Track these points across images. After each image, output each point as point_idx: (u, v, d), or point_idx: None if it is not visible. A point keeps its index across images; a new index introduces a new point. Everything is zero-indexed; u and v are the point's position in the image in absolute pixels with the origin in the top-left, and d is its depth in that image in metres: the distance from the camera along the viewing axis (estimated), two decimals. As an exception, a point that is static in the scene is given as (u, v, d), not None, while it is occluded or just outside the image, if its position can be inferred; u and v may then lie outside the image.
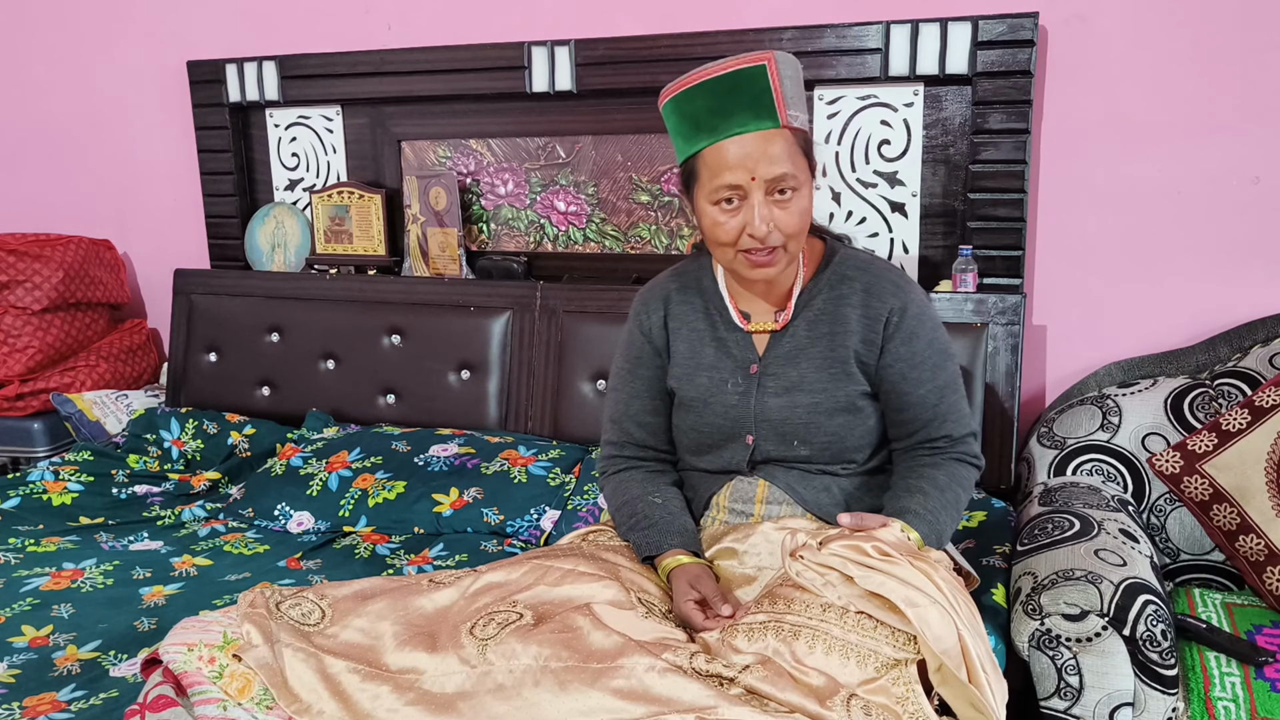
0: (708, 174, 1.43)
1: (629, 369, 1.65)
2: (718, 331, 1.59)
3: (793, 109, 1.43)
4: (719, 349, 1.58)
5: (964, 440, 1.55)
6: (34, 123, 3.17)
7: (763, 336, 1.57)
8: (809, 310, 1.55)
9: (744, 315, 1.58)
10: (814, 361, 1.53)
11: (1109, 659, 1.48)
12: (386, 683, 1.25)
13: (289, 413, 2.69)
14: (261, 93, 2.76)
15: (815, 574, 1.30)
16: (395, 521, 2.15)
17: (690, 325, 1.61)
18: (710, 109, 1.41)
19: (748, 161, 1.40)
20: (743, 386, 1.55)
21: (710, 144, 1.42)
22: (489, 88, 2.53)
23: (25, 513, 2.23)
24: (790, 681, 1.22)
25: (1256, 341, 2.08)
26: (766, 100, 1.40)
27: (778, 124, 1.40)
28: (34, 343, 2.80)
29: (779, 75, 1.40)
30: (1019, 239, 2.19)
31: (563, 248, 2.65)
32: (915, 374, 1.52)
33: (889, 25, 2.18)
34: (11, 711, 1.42)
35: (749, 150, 1.40)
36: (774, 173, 1.40)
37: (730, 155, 1.41)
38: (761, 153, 1.40)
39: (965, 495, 1.53)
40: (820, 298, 1.55)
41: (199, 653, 1.27)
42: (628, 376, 1.65)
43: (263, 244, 2.86)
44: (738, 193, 1.42)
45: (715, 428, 1.57)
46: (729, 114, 1.40)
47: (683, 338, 1.61)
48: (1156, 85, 2.15)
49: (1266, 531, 1.79)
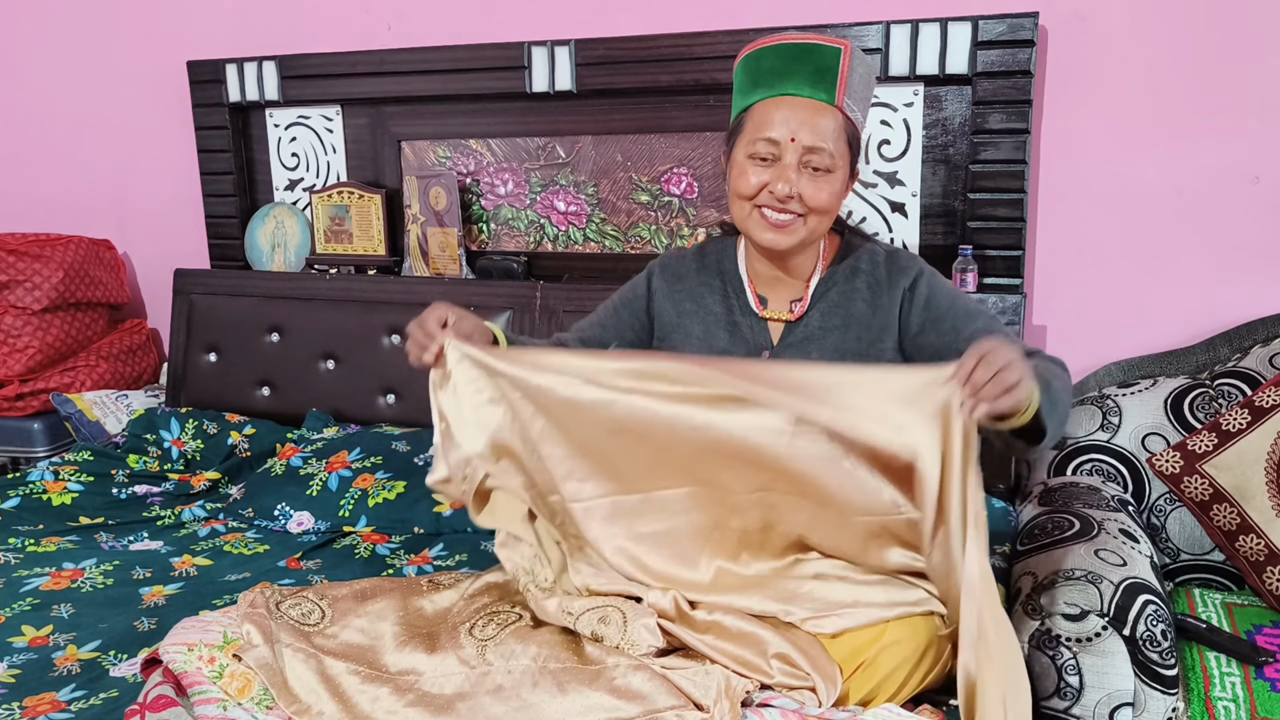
0: (752, 126, 1.46)
1: (614, 308, 1.68)
2: (733, 315, 1.59)
3: (852, 100, 1.45)
4: (733, 333, 1.59)
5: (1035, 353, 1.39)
6: (34, 123, 3.17)
7: (777, 325, 1.58)
8: (823, 302, 1.56)
9: (761, 301, 1.59)
10: (825, 353, 1.53)
11: (1109, 659, 1.48)
12: (386, 684, 1.26)
13: (289, 413, 2.69)
14: (261, 93, 2.76)
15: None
16: (395, 521, 2.15)
17: (707, 308, 1.61)
18: (773, 69, 1.44)
19: (792, 122, 1.42)
20: None
21: (763, 99, 1.45)
22: (489, 88, 2.53)
23: (25, 513, 2.22)
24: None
25: (1256, 341, 2.08)
26: (830, 77, 1.42)
27: (833, 101, 1.43)
28: (34, 343, 2.80)
29: (850, 63, 1.43)
30: (1019, 239, 2.19)
31: (563, 248, 2.65)
32: (950, 325, 1.48)
33: (889, 25, 2.18)
34: (11, 711, 1.42)
35: (797, 113, 1.42)
36: (814, 142, 1.42)
37: (778, 113, 1.43)
38: (806, 119, 1.42)
39: (1063, 372, 1.39)
40: (834, 290, 1.56)
41: (199, 653, 1.27)
42: (610, 314, 1.68)
43: (263, 244, 2.86)
44: (774, 150, 1.44)
45: None
46: (789, 75, 1.43)
47: (698, 319, 1.61)
48: (1156, 85, 2.15)
49: (1266, 531, 1.79)
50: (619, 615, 1.29)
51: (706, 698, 1.17)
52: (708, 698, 1.17)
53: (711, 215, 2.48)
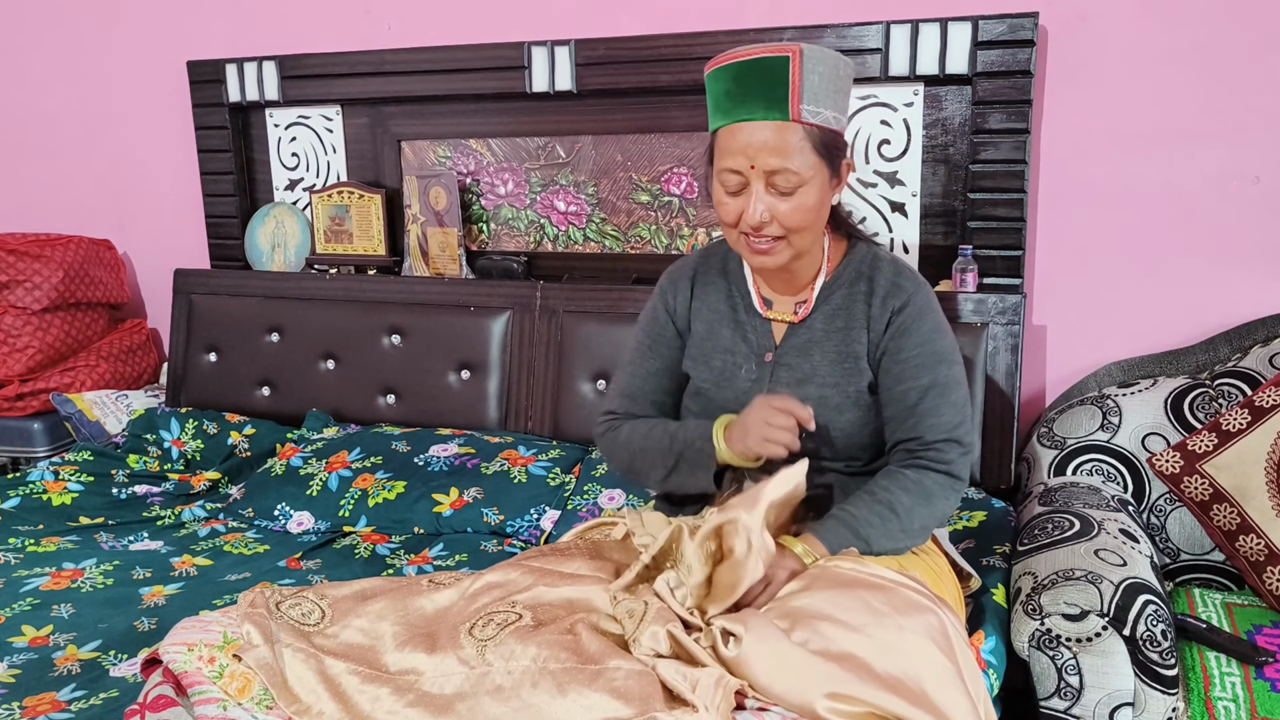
0: (718, 154, 1.46)
1: (649, 345, 1.65)
2: (737, 315, 1.59)
3: (813, 104, 1.42)
4: (736, 332, 1.59)
5: (935, 446, 1.48)
6: (34, 123, 3.17)
7: (781, 326, 1.58)
8: (827, 305, 1.56)
9: (765, 302, 1.59)
10: (827, 356, 1.53)
11: (1109, 659, 1.48)
12: (386, 684, 1.25)
13: (289, 413, 2.69)
14: (261, 93, 2.76)
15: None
16: (395, 521, 2.15)
17: (711, 306, 1.61)
18: (728, 92, 1.43)
19: (749, 150, 1.41)
20: (756, 374, 1.56)
21: (722, 126, 1.45)
22: (489, 88, 2.53)
23: (25, 513, 2.23)
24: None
25: (1256, 341, 2.08)
26: (780, 92, 1.40)
27: (786, 117, 1.41)
28: (34, 343, 2.80)
29: (801, 69, 1.40)
30: (1019, 239, 2.19)
31: (563, 248, 2.65)
32: (899, 369, 1.51)
33: (889, 25, 2.18)
34: (11, 711, 1.42)
35: (753, 138, 1.41)
36: (773, 165, 1.41)
37: (735, 140, 1.43)
38: (764, 143, 1.41)
39: (919, 503, 1.45)
40: (839, 293, 1.56)
41: (199, 653, 1.26)
42: (647, 353, 1.65)
43: (263, 244, 2.86)
44: (739, 179, 1.44)
45: (726, 412, 1.56)
46: (743, 100, 1.42)
47: (702, 318, 1.61)
48: (1156, 85, 2.15)
49: (1266, 531, 1.79)
50: (642, 608, 1.29)
51: (703, 698, 1.17)
52: (705, 699, 1.16)
53: (711, 215, 2.48)
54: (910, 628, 1.24)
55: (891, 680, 1.18)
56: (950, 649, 1.25)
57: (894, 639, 1.22)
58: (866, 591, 1.28)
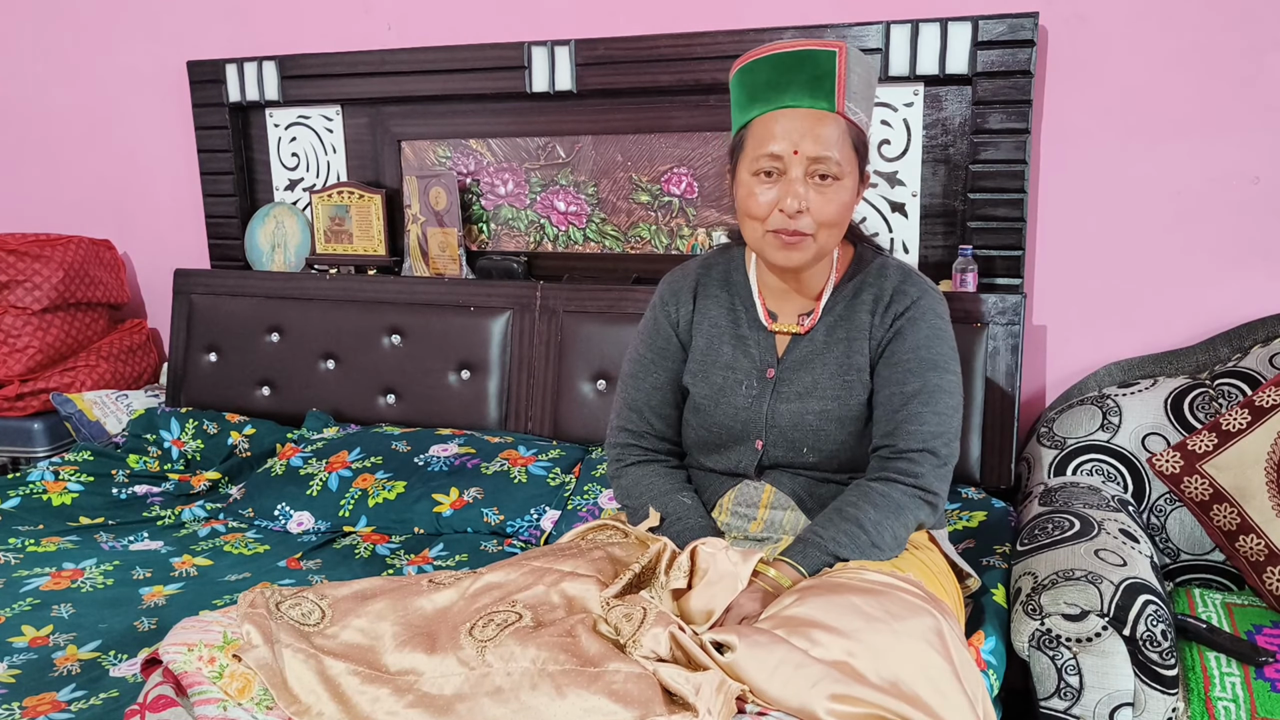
0: (753, 143, 1.43)
1: (653, 359, 1.63)
2: (739, 329, 1.58)
3: (853, 103, 1.42)
4: (737, 347, 1.57)
5: (908, 456, 1.45)
6: (34, 123, 3.17)
7: (784, 339, 1.56)
8: (830, 315, 1.54)
9: (771, 315, 1.57)
10: (828, 368, 1.52)
11: (1109, 659, 1.48)
12: (386, 685, 1.25)
13: (289, 413, 2.69)
14: (261, 93, 2.76)
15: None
16: (395, 521, 2.15)
17: (712, 320, 1.60)
18: (769, 82, 1.41)
19: (793, 134, 1.40)
20: (756, 390, 1.54)
21: (761, 113, 1.42)
22: (489, 88, 2.53)
23: (25, 513, 2.23)
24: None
25: (1256, 341, 2.08)
26: (828, 83, 1.39)
27: (833, 108, 1.40)
28: (34, 343, 2.80)
29: (847, 66, 1.40)
30: (1019, 239, 2.19)
31: (563, 248, 2.65)
32: (887, 373, 1.50)
33: (889, 25, 2.18)
34: (11, 711, 1.42)
35: (798, 124, 1.40)
36: (818, 152, 1.40)
37: (778, 126, 1.41)
38: (809, 129, 1.40)
39: (887, 516, 1.42)
40: (842, 304, 1.54)
41: (199, 653, 1.26)
42: (651, 366, 1.63)
43: (263, 244, 2.86)
44: (777, 165, 1.41)
45: (724, 429, 1.56)
46: (786, 88, 1.40)
47: (703, 332, 1.60)
48: (1156, 85, 2.15)
49: (1266, 531, 1.79)
50: (640, 614, 1.29)
51: (705, 702, 1.16)
52: (707, 702, 1.16)
53: (711, 215, 2.48)
54: (904, 631, 1.24)
55: (886, 685, 1.18)
56: (946, 650, 1.24)
57: (887, 643, 1.21)
58: (858, 596, 1.28)
